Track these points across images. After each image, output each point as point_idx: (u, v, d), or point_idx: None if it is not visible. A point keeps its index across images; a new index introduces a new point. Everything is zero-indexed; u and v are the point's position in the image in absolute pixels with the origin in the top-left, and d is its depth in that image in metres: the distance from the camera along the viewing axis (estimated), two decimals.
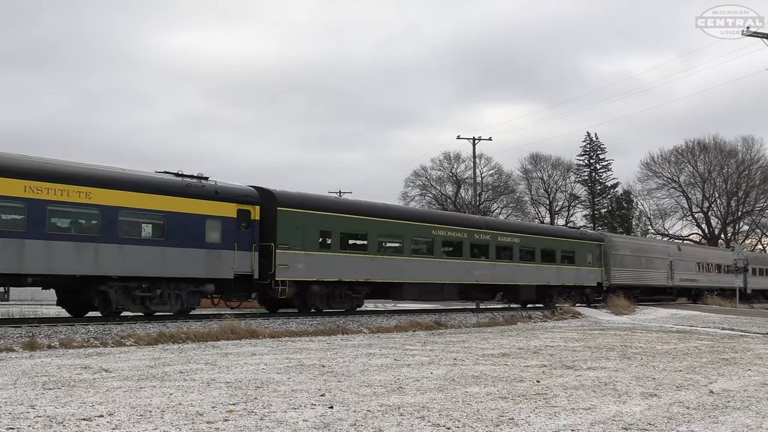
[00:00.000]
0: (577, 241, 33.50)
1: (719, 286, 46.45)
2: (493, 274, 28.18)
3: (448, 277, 26.15)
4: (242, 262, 19.54)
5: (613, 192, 74.90)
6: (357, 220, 23.06)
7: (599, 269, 34.30)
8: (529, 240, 30.58)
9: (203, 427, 6.00)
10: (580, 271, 32.90)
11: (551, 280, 31.13)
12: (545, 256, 31.16)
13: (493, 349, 13.70)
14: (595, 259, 34.01)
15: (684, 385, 8.96)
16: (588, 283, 33.34)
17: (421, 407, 7.05)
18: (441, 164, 71.77)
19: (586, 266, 33.36)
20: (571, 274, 32.33)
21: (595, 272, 33.98)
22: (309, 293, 21.58)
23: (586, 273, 33.31)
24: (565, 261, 32.09)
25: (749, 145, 70.61)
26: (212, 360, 11.30)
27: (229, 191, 19.72)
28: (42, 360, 11.12)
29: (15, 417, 6.27)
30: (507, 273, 29.03)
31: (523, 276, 29.74)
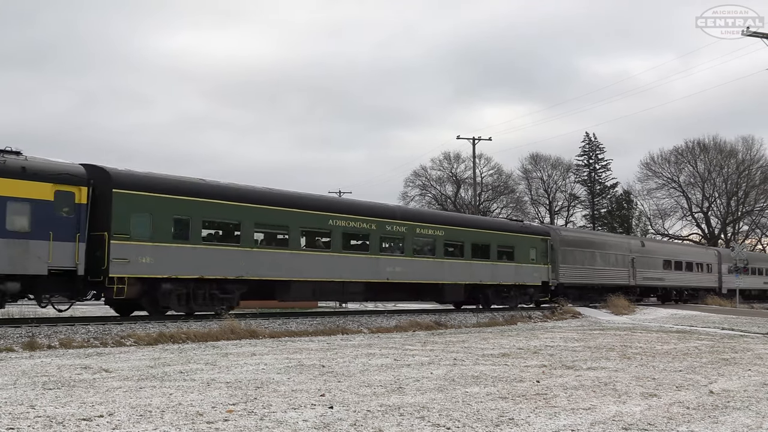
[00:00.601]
0: (517, 235, 29.64)
1: (691, 286, 43.33)
2: (409, 271, 24.33)
3: (351, 274, 22.44)
4: (60, 255, 16.00)
5: (612, 192, 74.94)
6: (226, 207, 19.46)
7: (545, 266, 30.52)
8: (457, 233, 26.76)
9: (203, 427, 6.00)
10: (521, 269, 29.10)
11: (485, 278, 27.42)
12: (477, 251, 27.48)
13: (493, 349, 13.70)
14: (540, 255, 30.28)
15: (684, 385, 8.96)
16: (531, 282, 29.65)
17: (421, 407, 7.05)
18: (441, 164, 71.84)
19: (529, 263, 29.57)
20: (509, 272, 28.60)
21: (539, 270, 30.21)
22: (160, 293, 18.06)
23: (529, 271, 29.56)
24: (502, 257, 28.47)
25: (749, 145, 70.70)
26: (212, 360, 11.30)
27: (43, 168, 16.20)
28: (42, 360, 11.12)
29: (15, 417, 6.27)
30: (428, 270, 25.19)
31: (449, 273, 25.95)
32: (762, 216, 71.82)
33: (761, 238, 73.68)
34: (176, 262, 18.25)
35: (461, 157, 70.45)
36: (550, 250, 31.14)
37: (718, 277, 46.64)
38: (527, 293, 29.84)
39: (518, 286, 29.17)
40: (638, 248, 38.77)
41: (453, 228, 26.83)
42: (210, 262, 18.93)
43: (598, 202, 75.05)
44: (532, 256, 29.92)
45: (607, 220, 73.31)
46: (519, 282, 29.09)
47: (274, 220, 20.70)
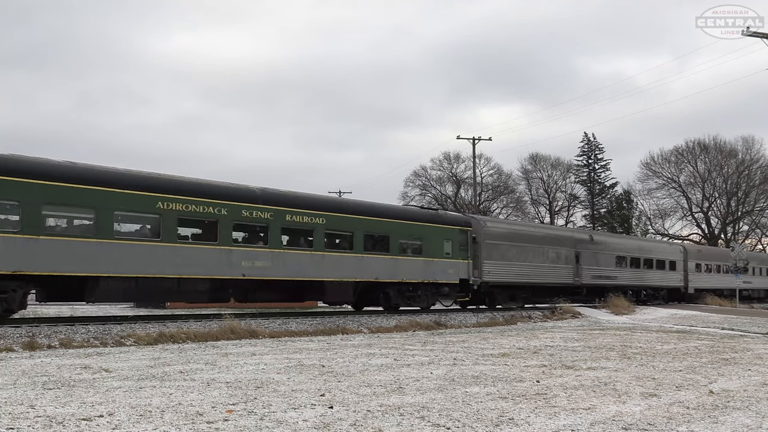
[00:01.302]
0: (427, 225, 25.54)
1: (651, 285, 39.25)
2: (275, 266, 20.24)
3: (190, 269, 18.48)
4: None
5: (612, 192, 74.94)
6: None
7: (465, 262, 26.67)
8: (344, 221, 22.54)
9: (203, 427, 6.00)
10: (432, 264, 25.25)
11: (382, 275, 23.45)
12: (373, 243, 23.64)
13: (493, 349, 13.70)
14: (458, 248, 26.39)
15: (684, 385, 8.96)
16: (446, 280, 25.89)
17: (421, 407, 7.05)
18: (441, 164, 71.89)
19: (444, 258, 25.70)
20: (416, 268, 24.70)
21: (457, 266, 26.32)
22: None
23: (443, 266, 25.71)
24: (407, 250, 24.70)
25: (749, 145, 70.75)
26: (212, 360, 11.30)
27: None
28: (42, 360, 11.12)
29: (15, 417, 6.27)
30: (303, 265, 21.05)
31: (333, 269, 21.85)
32: (762, 216, 71.88)
33: (761, 238, 73.72)
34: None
35: (461, 157, 70.53)
36: (472, 243, 27.21)
37: (684, 276, 42.36)
38: (440, 292, 26.20)
39: (429, 284, 25.36)
40: (585, 242, 34.70)
41: (338, 215, 22.47)
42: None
43: (597, 202, 75.06)
44: (447, 250, 25.98)
45: (607, 220, 73.32)
46: (429, 279, 25.19)
47: (73, 200, 16.65)
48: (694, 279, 42.92)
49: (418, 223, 25.34)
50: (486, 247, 28.18)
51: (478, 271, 27.50)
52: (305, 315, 21.77)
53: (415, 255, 24.92)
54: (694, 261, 43.34)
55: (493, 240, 28.77)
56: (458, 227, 26.97)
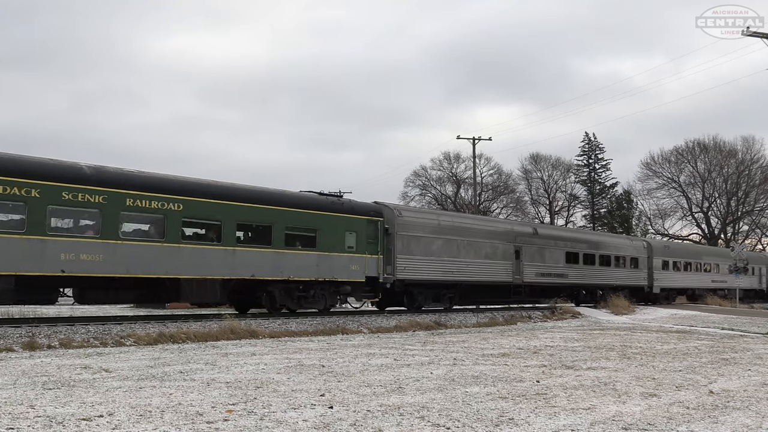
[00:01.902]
0: (322, 214, 21.99)
1: (609, 284, 35.52)
2: (113, 259, 16.97)
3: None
4: None
5: (612, 192, 74.93)
6: None
7: (373, 257, 23.23)
8: (208, 207, 18.94)
9: (203, 427, 6.00)
10: (330, 260, 21.84)
11: (262, 271, 20.10)
12: (249, 234, 20.84)
13: (492, 349, 13.70)
14: (364, 241, 23.03)
15: (684, 385, 8.96)
16: (349, 278, 22.45)
17: (421, 407, 7.05)
18: (441, 164, 71.82)
19: (345, 252, 22.39)
20: (308, 263, 21.31)
21: (363, 261, 22.88)
22: None
23: (344, 262, 22.32)
24: (296, 243, 21.28)
25: (749, 144, 70.68)
26: (212, 360, 11.30)
27: None
28: (42, 360, 11.12)
29: (15, 417, 6.27)
30: (149, 259, 17.74)
31: (193, 265, 18.45)
32: (762, 216, 71.81)
33: (761, 238, 73.71)
34: None
35: (461, 157, 70.51)
36: (384, 235, 23.86)
37: (648, 274, 38.64)
38: (342, 291, 22.77)
39: (326, 282, 21.99)
40: (528, 236, 30.99)
41: (201, 201, 18.84)
42: None
43: (597, 202, 75.02)
44: (350, 243, 22.59)
45: (607, 220, 73.30)
46: (325, 277, 21.76)
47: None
48: (661, 278, 39.42)
49: (311, 211, 21.72)
50: (401, 239, 24.54)
51: (391, 268, 23.97)
52: (305, 315, 21.74)
53: (307, 248, 21.47)
54: (660, 258, 39.71)
55: (410, 232, 25.00)
56: (366, 217, 23.47)
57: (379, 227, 23.81)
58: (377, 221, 23.87)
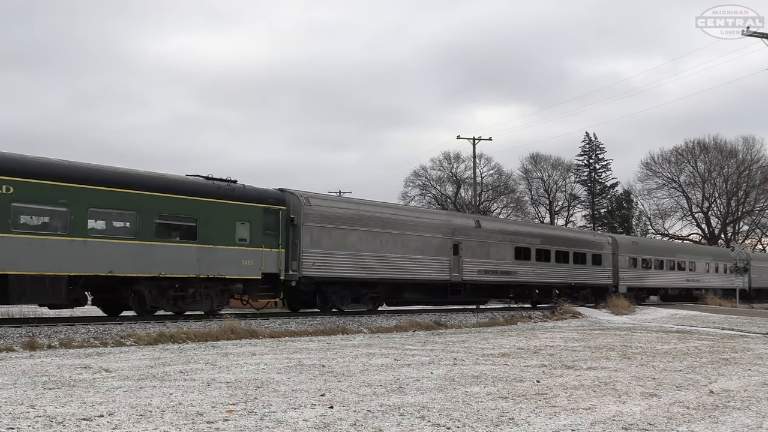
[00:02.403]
0: (205, 200, 19.22)
1: (566, 283, 32.59)
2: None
3: None
4: None
5: (612, 192, 74.94)
6: None
7: (274, 251, 20.52)
8: (51, 191, 16.25)
9: (203, 427, 6.00)
10: (214, 253, 19.11)
11: (122, 266, 17.36)
12: (108, 222, 17.86)
13: (493, 349, 13.70)
14: (260, 233, 20.29)
15: (684, 385, 8.96)
16: (240, 274, 19.77)
17: (421, 407, 7.05)
18: (441, 164, 71.85)
19: (235, 245, 19.66)
20: (186, 258, 18.52)
21: (260, 256, 20.15)
22: None
23: (234, 256, 19.61)
24: (170, 234, 18.62)
25: (749, 145, 70.71)
26: (212, 360, 11.30)
27: None
28: (42, 360, 11.12)
29: (15, 417, 6.27)
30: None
31: (24, 258, 15.68)
32: (762, 216, 71.84)
33: (761, 238, 73.74)
34: None
35: (461, 157, 70.52)
36: (288, 226, 21.19)
37: (613, 273, 35.78)
38: (231, 291, 20.02)
39: (211, 280, 19.22)
40: (468, 230, 27.73)
41: (40, 183, 16.11)
42: None
43: (598, 202, 75.03)
44: (242, 235, 19.86)
45: (607, 220, 73.31)
46: (208, 274, 18.99)
47: None
48: (627, 276, 36.77)
49: (190, 197, 18.85)
50: (309, 231, 21.62)
51: (297, 263, 21.15)
52: (305, 315, 21.75)
53: (184, 240, 18.65)
54: (627, 255, 37.02)
55: (321, 223, 22.08)
56: (263, 205, 20.51)
57: (281, 217, 20.92)
58: (278, 210, 20.91)
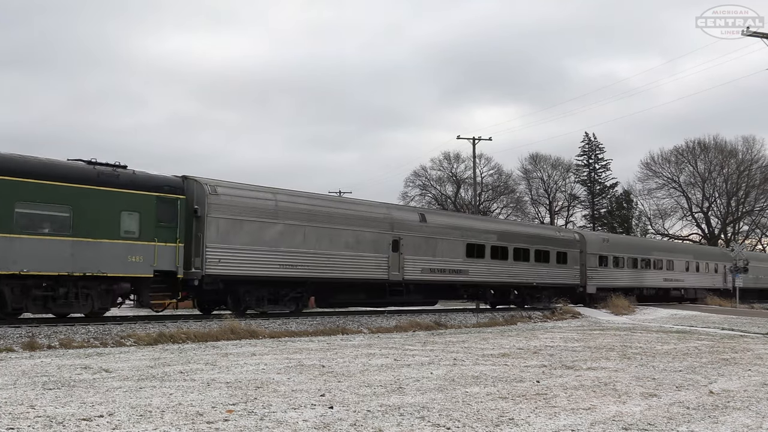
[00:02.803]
0: (83, 188, 16.96)
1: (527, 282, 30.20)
2: None
3: None
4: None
5: (612, 192, 74.96)
6: None
7: (171, 246, 18.24)
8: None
9: (203, 427, 6.00)
10: (94, 248, 16.87)
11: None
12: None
13: (493, 350, 13.70)
14: (152, 225, 17.96)
15: (684, 385, 8.96)
16: (128, 272, 17.51)
17: (421, 407, 7.05)
18: (441, 164, 71.86)
19: (120, 239, 17.29)
20: (57, 253, 16.34)
21: (152, 251, 17.86)
22: None
23: (119, 252, 17.28)
24: (38, 225, 16.35)
25: (749, 144, 70.71)
26: (212, 360, 11.30)
27: None
28: (42, 360, 11.13)
29: (15, 417, 6.27)
30: None
31: None
32: (762, 216, 71.82)
33: (761, 238, 73.74)
34: None
35: (461, 157, 70.53)
36: (191, 218, 19.03)
37: (581, 272, 33.30)
38: (117, 291, 17.67)
39: (89, 278, 17.00)
40: (411, 224, 25.41)
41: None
42: None
43: (597, 202, 75.03)
44: (129, 227, 17.58)
45: (606, 220, 73.33)
46: (84, 272, 16.76)
47: None
48: (597, 276, 34.48)
49: (63, 183, 16.65)
50: (215, 224, 19.31)
51: (200, 260, 18.94)
52: (305, 315, 21.75)
53: (55, 233, 16.47)
54: (597, 253, 34.71)
55: (230, 214, 19.74)
56: (156, 194, 18.16)
57: (180, 207, 18.56)
58: (176, 200, 18.54)
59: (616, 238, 41.69)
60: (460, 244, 27.13)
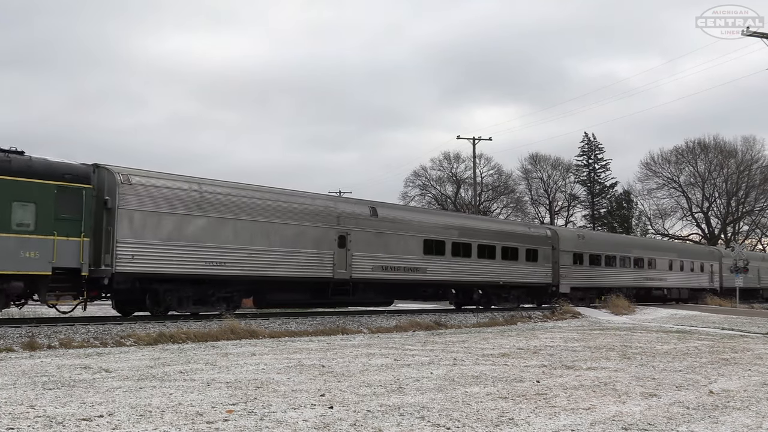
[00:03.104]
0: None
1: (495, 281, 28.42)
2: None
3: None
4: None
5: (612, 192, 74.98)
6: None
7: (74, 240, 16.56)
8: None
9: (203, 427, 6.00)
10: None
11: None
12: None
13: (492, 349, 13.70)
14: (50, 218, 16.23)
15: (684, 385, 8.96)
16: (19, 270, 15.70)
17: (421, 407, 7.05)
18: (441, 164, 71.90)
19: (12, 232, 15.68)
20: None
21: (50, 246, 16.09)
22: None
23: (9, 247, 15.59)
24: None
25: (749, 144, 70.72)
26: (212, 360, 11.30)
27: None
28: (42, 360, 11.12)
29: (15, 417, 6.27)
30: None
31: None
32: (762, 216, 71.83)
33: (761, 238, 73.74)
34: None
35: (461, 157, 70.56)
36: (101, 210, 17.39)
37: (552, 270, 31.49)
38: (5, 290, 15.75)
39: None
40: (360, 218, 23.62)
41: None
42: None
43: (597, 202, 75.06)
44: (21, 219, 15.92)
45: (607, 220, 73.34)
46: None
47: None
48: (571, 274, 32.61)
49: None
50: (129, 217, 17.66)
51: (110, 257, 17.29)
52: (305, 315, 21.75)
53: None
54: (571, 250, 32.95)
55: (146, 207, 18.00)
56: (56, 182, 16.51)
57: (85, 198, 16.88)
58: (80, 190, 16.81)
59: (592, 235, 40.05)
60: (418, 241, 25.29)
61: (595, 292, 34.58)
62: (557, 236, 32.79)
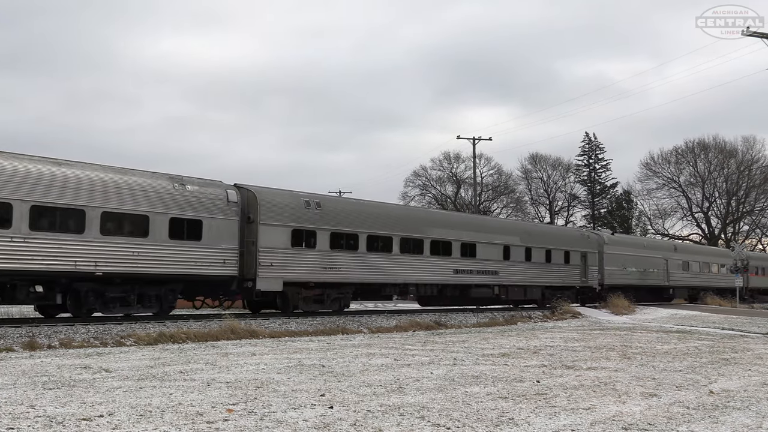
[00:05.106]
0: None
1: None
2: None
3: None
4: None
5: (612, 192, 74.96)
6: None
7: None
8: None
9: (203, 427, 6.00)
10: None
11: None
12: None
13: (493, 349, 13.70)
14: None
15: (684, 385, 8.96)
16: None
17: (421, 407, 7.05)
18: (441, 164, 71.90)
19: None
20: None
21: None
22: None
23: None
24: None
25: (749, 144, 70.70)
26: (212, 360, 11.30)
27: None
28: (42, 360, 11.12)
29: (15, 417, 6.27)
30: None
31: None
32: (762, 216, 71.83)
33: (761, 238, 73.73)
34: None
35: (461, 157, 70.55)
36: None
37: None
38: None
39: None
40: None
41: None
42: None
43: (598, 202, 75.04)
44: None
45: (607, 220, 73.32)
46: None
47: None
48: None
49: None
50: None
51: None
52: (305, 315, 21.75)
53: None
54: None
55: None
56: None
57: None
58: None
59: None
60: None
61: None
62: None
